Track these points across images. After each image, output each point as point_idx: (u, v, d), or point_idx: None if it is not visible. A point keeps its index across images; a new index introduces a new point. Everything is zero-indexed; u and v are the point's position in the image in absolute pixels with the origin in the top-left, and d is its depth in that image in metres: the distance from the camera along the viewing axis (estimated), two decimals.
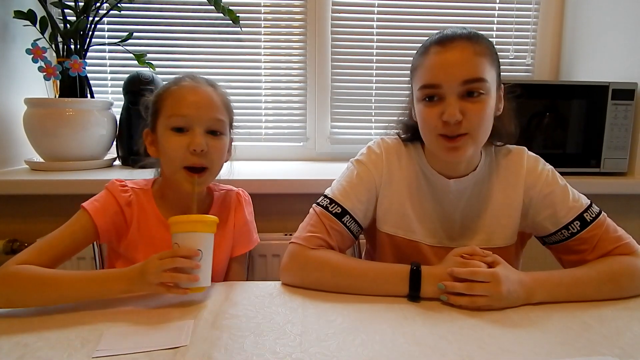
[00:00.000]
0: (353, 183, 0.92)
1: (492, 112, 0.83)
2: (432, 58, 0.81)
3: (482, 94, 0.79)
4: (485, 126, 0.82)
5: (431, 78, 0.81)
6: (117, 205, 0.90)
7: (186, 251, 0.75)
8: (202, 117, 0.86)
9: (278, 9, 1.68)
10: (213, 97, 0.89)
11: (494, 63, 0.82)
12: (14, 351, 0.62)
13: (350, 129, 1.75)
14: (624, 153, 1.40)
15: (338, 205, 0.90)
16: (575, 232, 0.86)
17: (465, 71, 0.78)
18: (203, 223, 0.78)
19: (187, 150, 0.85)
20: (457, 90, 0.79)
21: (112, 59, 1.65)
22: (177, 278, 0.74)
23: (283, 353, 0.62)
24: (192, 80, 0.91)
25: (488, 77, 0.80)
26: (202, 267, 0.76)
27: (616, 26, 1.49)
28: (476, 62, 0.79)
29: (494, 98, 0.82)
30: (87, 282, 0.75)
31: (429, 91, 0.81)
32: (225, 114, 0.92)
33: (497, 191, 0.92)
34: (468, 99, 0.79)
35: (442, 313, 0.74)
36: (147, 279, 0.73)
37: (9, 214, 1.37)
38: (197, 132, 0.86)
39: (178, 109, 0.86)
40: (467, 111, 0.79)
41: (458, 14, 1.71)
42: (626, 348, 0.64)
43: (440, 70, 0.80)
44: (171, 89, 0.89)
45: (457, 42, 0.80)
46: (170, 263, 0.73)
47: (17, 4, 1.43)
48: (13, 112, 1.44)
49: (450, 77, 0.79)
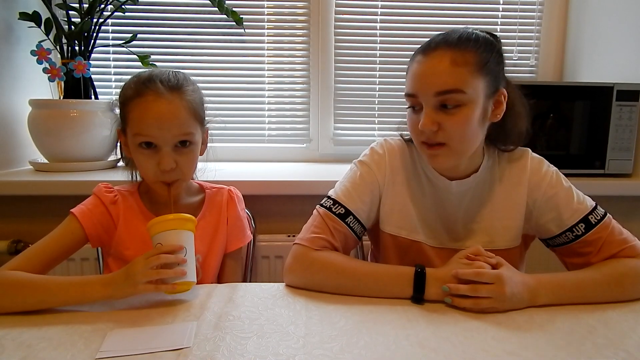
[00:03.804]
0: (356, 184, 0.92)
1: (477, 122, 0.80)
2: (414, 67, 0.82)
3: (459, 105, 0.78)
4: (466, 137, 0.81)
5: (410, 87, 0.83)
6: (103, 206, 0.92)
7: (170, 247, 0.77)
8: (167, 136, 0.85)
9: (281, 11, 1.68)
10: (178, 110, 0.86)
11: (481, 71, 0.79)
12: (17, 352, 0.62)
13: (354, 130, 1.75)
14: (629, 154, 1.39)
15: (341, 206, 0.90)
16: (579, 235, 0.86)
17: (439, 83, 0.78)
18: (181, 220, 0.80)
19: (158, 168, 0.86)
20: (432, 101, 0.79)
21: (116, 61, 1.66)
22: (165, 274, 0.75)
23: (286, 355, 0.62)
24: (155, 90, 0.85)
25: (469, 87, 0.78)
26: (187, 263, 0.77)
27: (620, 27, 1.49)
28: (452, 73, 0.77)
29: (479, 108, 0.80)
30: (68, 287, 0.75)
31: (410, 100, 0.84)
32: (194, 122, 0.89)
33: (500, 193, 0.91)
34: (445, 110, 0.79)
35: (446, 315, 0.74)
36: (133, 280, 0.73)
37: (13, 214, 1.37)
38: (164, 152, 0.86)
39: (142, 128, 0.85)
40: (443, 122, 0.79)
41: (461, 15, 1.71)
42: (631, 351, 0.63)
43: (417, 80, 0.81)
44: (134, 100, 0.86)
45: (437, 52, 0.79)
46: (156, 260, 0.74)
47: (22, 6, 1.44)
48: (17, 113, 1.45)
49: (425, 88, 0.79)
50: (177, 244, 0.77)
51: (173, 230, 0.78)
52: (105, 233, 0.92)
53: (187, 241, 0.79)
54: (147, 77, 0.88)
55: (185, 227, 0.80)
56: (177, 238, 0.78)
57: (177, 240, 0.78)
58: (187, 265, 0.78)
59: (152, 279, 0.74)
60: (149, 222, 0.79)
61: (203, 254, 0.97)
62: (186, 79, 0.91)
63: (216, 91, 1.68)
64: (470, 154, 0.86)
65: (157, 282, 0.75)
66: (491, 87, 0.81)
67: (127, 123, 0.88)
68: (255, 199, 1.07)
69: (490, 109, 0.83)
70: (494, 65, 0.81)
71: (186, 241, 0.79)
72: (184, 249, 0.78)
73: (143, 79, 0.88)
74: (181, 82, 0.89)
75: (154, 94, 0.85)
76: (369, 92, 1.73)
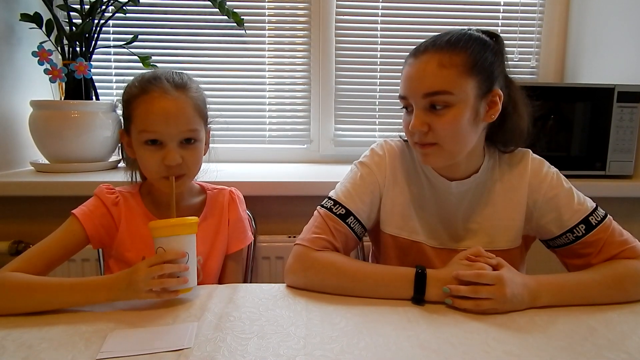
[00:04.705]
0: (356, 185, 0.93)
1: (467, 122, 0.80)
2: (406, 69, 0.85)
3: (447, 106, 0.79)
4: (457, 137, 0.82)
5: (401, 90, 0.85)
6: (104, 207, 0.92)
7: (173, 255, 0.76)
8: (173, 132, 0.86)
9: (282, 12, 1.68)
10: (183, 106, 0.87)
11: (470, 72, 0.79)
12: (18, 352, 0.62)
13: (354, 131, 1.75)
14: (630, 156, 1.39)
15: (342, 207, 0.90)
16: (580, 236, 0.86)
17: (426, 84, 0.80)
18: (185, 226, 0.79)
19: (162, 163, 0.86)
20: (421, 103, 0.81)
21: (117, 62, 1.66)
22: (167, 283, 0.74)
23: (287, 356, 0.62)
24: (160, 87, 0.86)
25: (455, 88, 0.78)
26: (189, 269, 0.77)
27: (621, 28, 1.49)
28: (439, 74, 0.79)
29: (468, 108, 0.80)
30: (71, 289, 0.75)
31: (402, 101, 0.86)
32: (198, 119, 0.90)
33: (500, 193, 0.91)
34: (434, 111, 0.81)
35: (447, 316, 0.74)
36: (136, 287, 0.73)
37: (14, 215, 1.38)
38: (170, 148, 0.86)
39: (148, 125, 0.85)
40: (433, 123, 0.81)
41: (462, 17, 1.71)
42: (632, 352, 0.63)
43: (407, 82, 0.83)
44: (139, 97, 0.86)
45: (426, 54, 0.81)
46: (159, 270, 0.73)
47: (23, 7, 1.45)
48: (19, 114, 1.45)
49: (414, 90, 0.82)
50: (180, 250, 0.77)
51: (176, 236, 0.78)
52: (107, 234, 0.92)
53: (189, 246, 0.79)
54: (152, 75, 0.89)
55: (188, 231, 0.79)
56: (180, 244, 0.78)
57: (180, 246, 0.77)
58: (189, 271, 0.78)
59: (155, 288, 0.74)
60: (150, 223, 0.78)
61: (204, 256, 0.97)
62: (190, 79, 0.92)
63: (217, 92, 1.68)
64: (464, 154, 0.86)
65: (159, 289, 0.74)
66: (483, 88, 0.81)
67: (132, 121, 0.88)
68: (256, 200, 1.07)
69: (484, 110, 0.83)
70: (486, 65, 0.81)
71: (188, 246, 0.79)
72: (187, 256, 0.78)
73: (148, 77, 0.88)
74: (185, 80, 0.90)
75: (160, 91, 0.86)
76: (370, 93, 1.73)
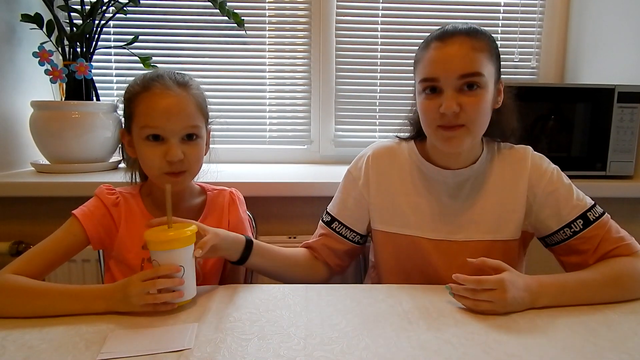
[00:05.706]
0: (341, 192, 1.02)
1: (489, 105, 0.85)
2: (432, 53, 0.84)
3: (478, 87, 0.82)
4: (482, 119, 0.85)
5: (430, 72, 0.84)
6: (104, 207, 0.91)
7: (167, 269, 0.74)
8: (175, 128, 0.85)
9: (283, 12, 1.68)
10: (185, 103, 0.87)
11: (492, 58, 0.84)
12: (18, 353, 0.62)
13: (355, 131, 1.75)
14: (630, 156, 1.39)
15: (328, 214, 1.02)
16: (577, 231, 0.87)
17: (463, 65, 0.81)
18: (180, 240, 0.76)
19: (164, 159, 0.85)
20: (455, 84, 0.82)
21: (117, 62, 1.66)
22: (161, 298, 0.73)
23: (287, 357, 0.62)
24: (162, 83, 0.86)
25: (485, 71, 0.82)
26: (185, 282, 0.75)
27: (622, 28, 1.49)
28: (473, 57, 0.81)
29: (491, 92, 0.85)
30: (70, 297, 0.75)
31: (429, 84, 0.85)
32: (200, 116, 0.90)
33: (500, 186, 0.92)
34: (465, 92, 0.82)
35: (447, 317, 0.74)
36: (130, 302, 0.73)
37: (15, 215, 1.38)
38: (172, 143, 0.85)
39: (150, 120, 0.85)
40: (464, 104, 0.82)
41: (463, 17, 1.71)
42: (633, 353, 0.63)
43: (439, 64, 0.83)
44: (141, 94, 0.86)
45: (456, 38, 0.82)
46: (152, 285, 0.72)
47: (24, 8, 1.45)
48: (19, 114, 1.45)
49: (448, 71, 0.82)
50: (175, 264, 0.75)
51: (171, 250, 0.75)
52: (107, 235, 0.92)
53: (185, 258, 0.76)
54: (154, 73, 0.89)
55: (185, 244, 0.76)
56: (176, 258, 0.75)
57: (176, 260, 0.75)
58: (185, 285, 0.75)
59: (149, 303, 0.73)
60: (146, 232, 0.76)
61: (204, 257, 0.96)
62: (191, 78, 0.93)
63: (218, 93, 1.68)
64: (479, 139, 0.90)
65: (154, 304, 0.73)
66: (496, 75, 0.87)
67: (133, 118, 0.88)
68: (256, 201, 1.07)
69: (495, 96, 0.88)
70: (498, 54, 0.87)
71: (185, 258, 0.76)
72: (182, 270, 0.75)
73: (149, 75, 0.89)
74: (187, 79, 0.91)
75: (162, 87, 0.86)
76: (370, 94, 1.73)
